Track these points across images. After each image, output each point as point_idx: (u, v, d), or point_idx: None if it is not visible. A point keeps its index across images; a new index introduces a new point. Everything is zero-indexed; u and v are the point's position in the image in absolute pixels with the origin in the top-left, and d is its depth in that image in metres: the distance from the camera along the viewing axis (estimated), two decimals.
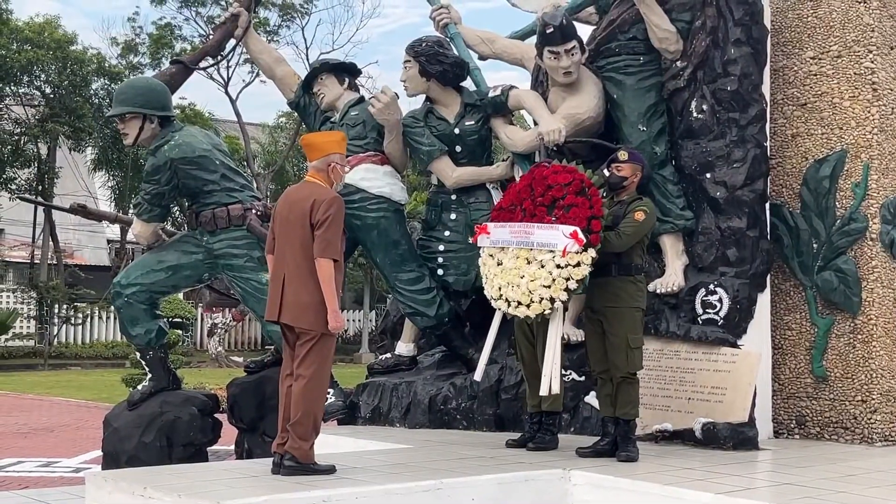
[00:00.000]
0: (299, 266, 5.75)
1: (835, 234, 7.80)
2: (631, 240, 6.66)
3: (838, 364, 7.76)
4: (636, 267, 6.76)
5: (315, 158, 6.02)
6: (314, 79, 8.96)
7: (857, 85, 7.80)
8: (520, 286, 6.50)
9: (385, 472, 5.97)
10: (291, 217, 5.84)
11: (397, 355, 8.89)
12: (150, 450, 8.30)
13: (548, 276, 6.39)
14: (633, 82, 8.02)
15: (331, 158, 6.00)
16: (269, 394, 8.77)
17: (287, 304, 5.78)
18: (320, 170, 6.00)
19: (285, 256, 5.83)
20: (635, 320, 6.71)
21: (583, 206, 6.45)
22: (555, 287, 6.38)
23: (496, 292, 6.69)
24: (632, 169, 6.93)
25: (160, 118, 8.38)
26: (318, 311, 5.70)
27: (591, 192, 6.54)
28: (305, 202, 5.80)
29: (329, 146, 6.04)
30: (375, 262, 8.95)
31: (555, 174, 6.69)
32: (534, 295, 6.44)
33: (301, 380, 5.74)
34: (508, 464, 6.37)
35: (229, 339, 30.79)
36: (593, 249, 6.39)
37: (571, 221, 6.42)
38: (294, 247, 5.77)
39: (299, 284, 5.74)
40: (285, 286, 5.79)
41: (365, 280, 32.67)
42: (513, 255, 6.63)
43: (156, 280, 8.40)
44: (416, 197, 23.44)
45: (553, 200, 6.61)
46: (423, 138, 8.50)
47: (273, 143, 34.41)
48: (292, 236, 5.80)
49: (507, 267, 6.63)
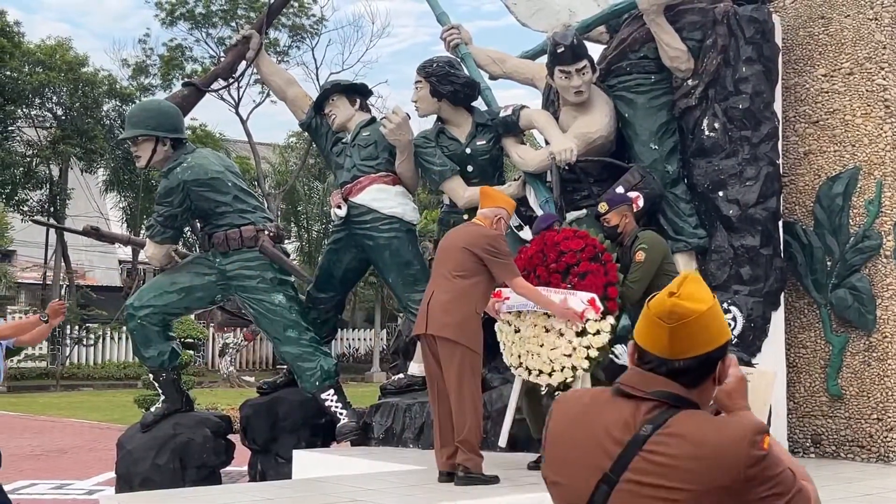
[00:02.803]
0: (452, 285, 6.27)
1: (849, 251, 7.77)
2: (642, 284, 6.61)
3: (853, 382, 7.72)
4: None
5: (487, 206, 6.59)
6: (325, 100, 8.97)
7: (869, 102, 7.79)
8: (540, 355, 6.49)
9: (400, 496, 5.94)
10: (452, 244, 6.41)
11: (410, 375, 8.83)
12: (164, 472, 8.32)
13: (567, 344, 6.37)
14: (644, 101, 8.03)
15: (499, 212, 6.55)
16: (282, 415, 8.78)
17: (434, 318, 6.23)
18: (487, 217, 6.53)
19: (438, 277, 6.40)
20: None
21: (598, 273, 6.45)
22: (576, 356, 6.37)
23: (515, 360, 6.69)
24: (618, 215, 6.94)
25: (172, 140, 8.42)
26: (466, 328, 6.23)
27: (604, 258, 6.53)
28: (470, 236, 6.39)
29: (503, 202, 6.67)
30: (388, 282, 8.93)
31: (566, 240, 6.68)
32: (555, 364, 6.43)
33: (455, 395, 6.22)
34: (523, 485, 6.33)
35: (241, 359, 30.77)
36: (612, 317, 6.37)
37: (588, 289, 6.41)
38: (449, 268, 6.32)
39: (448, 300, 6.22)
40: (432, 302, 6.30)
41: (376, 299, 32.64)
42: (530, 322, 6.61)
43: (169, 302, 8.41)
44: (426, 216, 23.40)
45: (567, 267, 6.59)
46: (435, 158, 8.48)
47: (284, 163, 34.42)
48: (449, 260, 6.35)
49: (525, 335, 6.62)
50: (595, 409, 2.21)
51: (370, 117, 8.98)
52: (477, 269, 6.31)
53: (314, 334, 8.62)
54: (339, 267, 8.96)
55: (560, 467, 2.22)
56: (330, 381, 8.50)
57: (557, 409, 2.29)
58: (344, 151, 8.80)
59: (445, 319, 6.16)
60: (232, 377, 26.60)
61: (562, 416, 2.27)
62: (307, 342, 8.49)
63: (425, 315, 6.30)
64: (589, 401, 2.25)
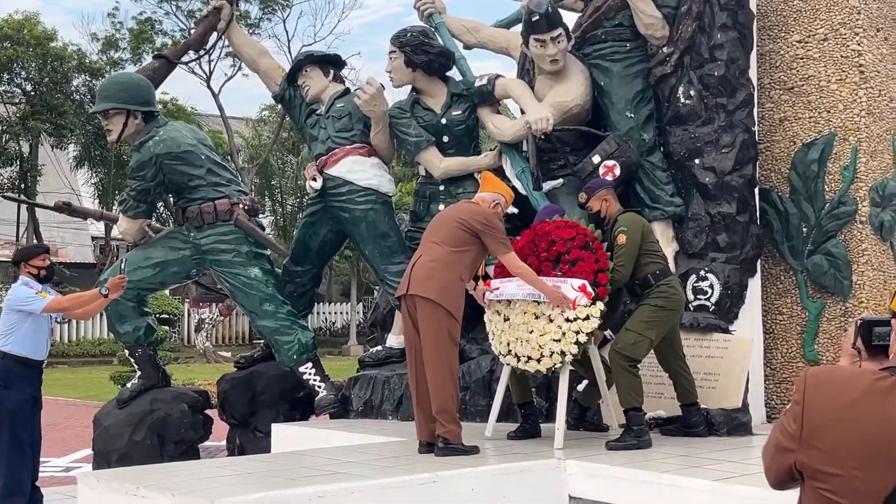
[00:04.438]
0: (439, 251, 6.29)
1: (824, 217, 7.78)
2: (627, 268, 6.65)
3: (830, 348, 7.75)
4: (654, 275, 6.74)
5: (487, 190, 6.76)
6: (299, 71, 8.88)
7: (843, 68, 7.77)
8: (529, 341, 6.50)
9: (380, 467, 5.92)
10: (446, 216, 6.53)
11: (388, 347, 8.81)
12: (141, 448, 8.29)
13: (557, 330, 6.39)
14: (619, 69, 7.99)
15: (498, 198, 6.68)
16: (260, 389, 8.76)
17: (417, 279, 6.25)
18: (486, 200, 6.64)
19: (427, 243, 6.44)
20: (648, 313, 6.67)
21: (588, 261, 6.47)
22: (565, 341, 6.38)
23: (504, 348, 6.69)
24: (598, 200, 6.95)
25: (144, 114, 8.33)
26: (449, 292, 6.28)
27: (595, 246, 6.55)
28: (464, 211, 6.46)
29: (502, 189, 6.84)
30: (364, 255, 8.89)
31: (557, 229, 6.70)
32: (544, 349, 6.43)
33: (430, 362, 6.23)
34: (504, 454, 6.34)
35: (217, 334, 30.68)
36: (601, 302, 6.40)
37: (578, 275, 6.43)
38: (440, 236, 6.36)
39: (434, 265, 6.24)
40: (417, 265, 6.32)
41: (352, 273, 32.58)
42: (520, 310, 6.62)
43: (143, 277, 8.35)
44: (402, 188, 23.33)
45: (558, 255, 6.62)
46: (410, 129, 8.42)
47: (257, 137, 34.19)
48: (440, 229, 6.41)
49: (514, 323, 6.62)
50: (877, 397, 2.11)
51: (344, 88, 8.91)
52: (468, 241, 6.33)
53: (291, 308, 8.57)
54: (316, 240, 8.90)
55: (842, 459, 2.11)
56: (308, 355, 8.46)
57: (818, 393, 2.17)
58: (318, 123, 8.72)
59: (428, 282, 6.17)
60: (208, 353, 26.51)
61: (828, 401, 2.16)
62: (284, 315, 8.44)
63: (408, 277, 6.31)
64: (862, 387, 2.14)
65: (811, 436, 2.16)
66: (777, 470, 2.25)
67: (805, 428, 2.17)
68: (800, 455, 2.18)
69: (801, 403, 2.20)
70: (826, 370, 2.30)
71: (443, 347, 6.17)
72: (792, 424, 2.20)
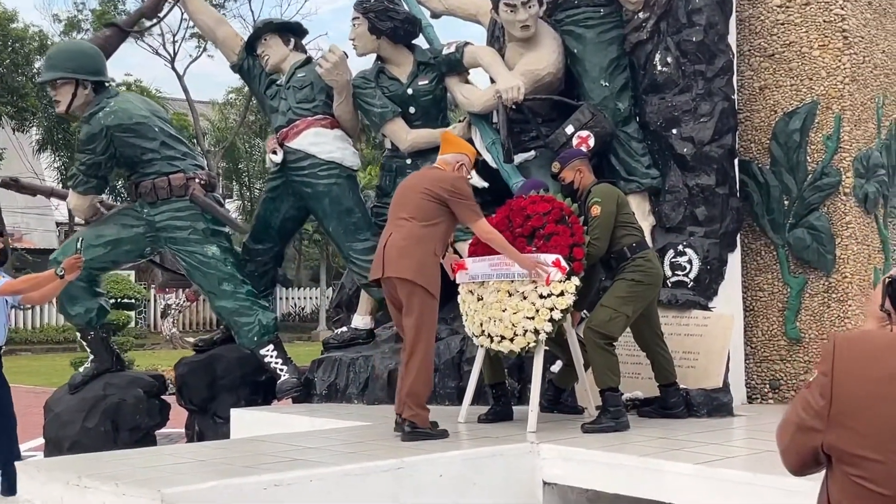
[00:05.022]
0: (410, 227, 6.00)
1: (806, 189, 7.51)
2: (602, 241, 6.35)
3: (813, 325, 7.49)
4: (631, 248, 6.43)
5: (448, 152, 6.39)
6: (258, 40, 8.53)
7: (826, 33, 7.50)
8: (502, 320, 6.21)
9: (342, 452, 5.58)
10: (410, 187, 6.17)
11: (354, 328, 8.50)
12: (94, 435, 8.00)
13: (531, 307, 6.11)
14: (593, 35, 7.68)
15: (461, 158, 6.36)
16: (219, 373, 8.49)
17: (391, 260, 5.98)
18: (449, 163, 6.33)
19: (395, 219, 6.13)
20: (624, 288, 6.37)
21: (564, 235, 6.20)
22: (538, 318, 6.09)
23: (477, 329, 6.41)
24: (571, 171, 6.64)
25: (94, 84, 7.99)
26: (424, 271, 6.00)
27: (571, 220, 6.28)
28: (429, 179, 6.16)
29: (464, 148, 6.51)
30: (328, 232, 8.55)
31: (533, 204, 6.43)
32: (517, 328, 6.15)
33: (414, 352, 5.98)
34: (474, 438, 6.01)
35: (183, 319, 30.28)
36: (577, 278, 6.12)
37: (553, 250, 6.16)
38: (408, 211, 6.06)
39: (406, 244, 5.96)
40: (388, 245, 6.03)
41: (321, 257, 32.38)
42: (493, 288, 6.35)
43: (95, 256, 7.97)
44: (370, 171, 22.95)
45: (533, 230, 6.35)
46: (375, 100, 8.10)
47: (223, 120, 33.77)
48: (407, 202, 6.09)
49: (488, 302, 6.34)
50: None
51: (305, 57, 8.56)
52: (437, 213, 6.06)
53: (251, 287, 8.25)
54: (277, 216, 8.56)
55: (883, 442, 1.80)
56: (269, 336, 8.15)
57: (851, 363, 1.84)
58: (278, 94, 8.40)
59: (403, 261, 5.93)
60: (175, 338, 25.89)
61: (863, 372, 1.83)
62: (244, 296, 8.12)
63: (381, 259, 6.05)
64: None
65: (842, 414, 1.83)
66: (798, 452, 1.90)
67: (835, 404, 1.84)
68: (828, 436, 1.85)
69: (829, 375, 1.86)
70: (859, 336, 1.95)
71: (423, 331, 5.97)
72: (818, 400, 1.85)
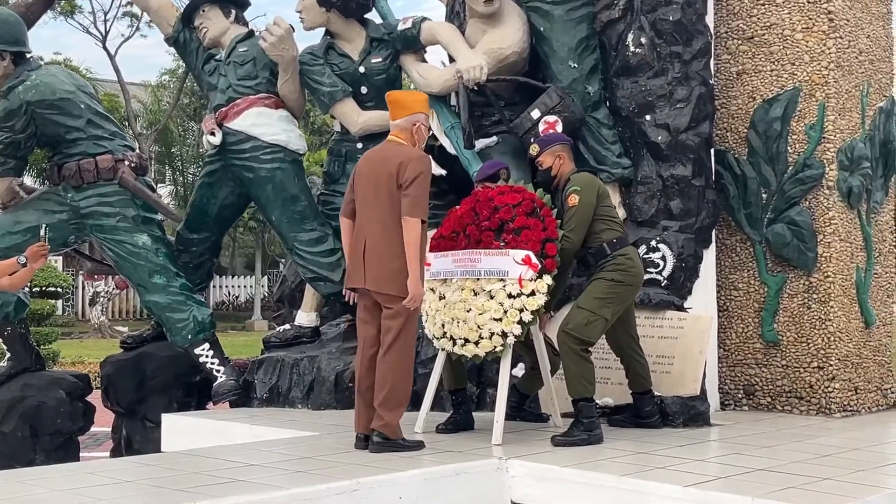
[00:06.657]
0: (386, 230, 5.48)
1: (787, 182, 7.10)
2: (578, 234, 5.86)
3: (791, 327, 7.10)
4: (611, 244, 5.92)
5: (399, 117, 5.75)
6: (196, 11, 8.02)
7: (810, 15, 7.11)
8: (467, 321, 5.70)
9: (289, 471, 4.99)
10: (374, 178, 5.57)
11: (297, 326, 8.00)
12: (11, 441, 7.57)
13: (498, 307, 5.62)
14: (561, 13, 7.22)
15: (416, 118, 5.73)
16: (149, 373, 8.06)
17: (372, 270, 5.50)
18: (404, 129, 5.72)
19: (368, 220, 5.56)
20: (603, 288, 5.85)
21: (535, 229, 5.71)
22: (507, 320, 5.60)
23: (439, 330, 5.90)
24: (551, 156, 6.13)
25: (13, 55, 7.44)
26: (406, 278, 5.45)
27: (543, 213, 5.79)
28: (391, 163, 5.52)
29: (415, 105, 5.79)
30: (271, 221, 8.01)
31: (501, 195, 5.93)
32: (483, 330, 5.65)
33: (390, 351, 5.47)
34: (436, 453, 5.45)
35: (113, 308, 29.43)
36: (549, 276, 5.63)
37: (523, 245, 5.67)
38: (381, 210, 5.51)
39: (385, 250, 5.47)
40: (367, 252, 5.52)
41: (256, 244, 31.89)
42: (457, 286, 5.84)
43: (13, 244, 7.38)
44: (309, 157, 22.30)
45: (501, 224, 5.84)
46: (324, 78, 7.64)
47: (156, 103, 32.97)
48: (377, 199, 5.53)
49: (451, 301, 5.83)
50: None
51: (248, 31, 8.05)
52: None
53: (185, 281, 7.73)
54: (214, 203, 8.00)
55: None
56: (205, 334, 7.63)
57: None
58: (217, 70, 7.89)
59: (384, 273, 5.45)
60: (103, 327, 25.34)
61: None
62: (177, 290, 7.59)
63: (361, 266, 5.54)
64: None
65: None
66: None
67: None
68: None
69: None
70: None
71: (406, 338, 5.50)
72: None
